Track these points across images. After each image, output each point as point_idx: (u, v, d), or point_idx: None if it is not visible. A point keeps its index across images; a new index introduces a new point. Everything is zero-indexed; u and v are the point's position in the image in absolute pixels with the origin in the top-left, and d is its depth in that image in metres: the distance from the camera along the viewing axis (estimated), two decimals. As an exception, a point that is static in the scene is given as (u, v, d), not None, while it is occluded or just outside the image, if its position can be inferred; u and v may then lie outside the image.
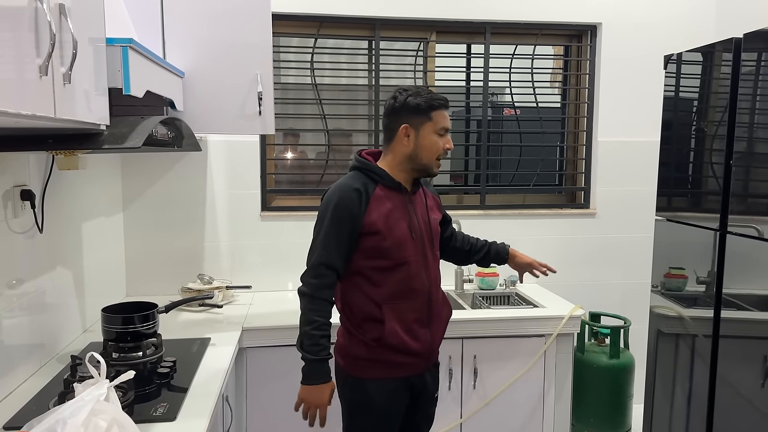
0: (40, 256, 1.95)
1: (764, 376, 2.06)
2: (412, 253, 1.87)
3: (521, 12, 3.11)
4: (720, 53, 2.27)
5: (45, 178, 1.97)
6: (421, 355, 1.91)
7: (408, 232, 1.86)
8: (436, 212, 2.02)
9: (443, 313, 2.00)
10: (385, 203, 1.84)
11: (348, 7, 2.97)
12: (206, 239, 2.96)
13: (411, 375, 1.92)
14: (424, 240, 1.90)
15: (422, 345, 1.90)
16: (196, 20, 2.21)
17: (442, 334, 2.01)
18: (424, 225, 1.92)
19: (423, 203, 1.96)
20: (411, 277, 1.86)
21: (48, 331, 2.02)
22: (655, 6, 3.18)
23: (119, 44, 1.45)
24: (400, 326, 1.85)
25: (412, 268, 1.86)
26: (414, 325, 1.88)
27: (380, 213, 1.82)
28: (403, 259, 1.85)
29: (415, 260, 1.87)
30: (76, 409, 1.19)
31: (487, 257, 2.23)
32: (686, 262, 2.45)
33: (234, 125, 2.27)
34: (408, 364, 1.90)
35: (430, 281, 1.92)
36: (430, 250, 1.94)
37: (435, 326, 1.95)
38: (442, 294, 2.00)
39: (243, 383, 2.47)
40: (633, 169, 3.25)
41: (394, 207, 1.85)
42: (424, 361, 1.94)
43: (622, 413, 2.90)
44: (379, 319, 1.85)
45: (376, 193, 1.84)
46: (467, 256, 2.24)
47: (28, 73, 1.04)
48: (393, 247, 1.83)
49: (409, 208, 1.89)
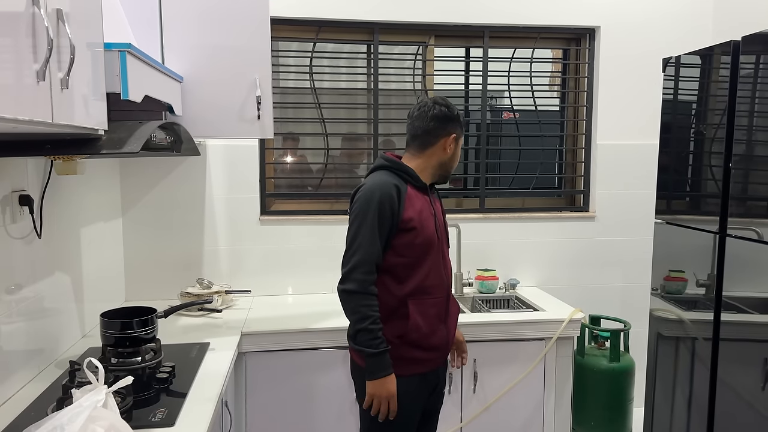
0: (38, 262, 1.95)
1: (765, 379, 2.05)
2: (436, 250, 1.96)
3: (520, 16, 3.11)
4: (718, 56, 2.28)
5: (43, 183, 1.96)
6: (440, 349, 2.00)
7: (434, 230, 1.96)
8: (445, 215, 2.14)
9: (456, 309, 2.09)
10: (417, 202, 1.93)
11: (347, 11, 2.97)
12: (205, 244, 2.96)
13: (429, 371, 1.99)
14: (442, 239, 2.02)
15: (440, 340, 1.99)
16: (195, 25, 2.21)
17: (455, 329, 2.10)
18: (441, 225, 2.03)
19: (438, 206, 2.08)
20: (434, 273, 1.95)
21: (47, 336, 2.02)
22: (653, 9, 3.18)
23: (117, 49, 1.45)
24: (423, 321, 1.92)
25: (435, 264, 1.96)
26: (434, 320, 1.96)
27: (415, 210, 1.91)
28: (429, 255, 1.94)
29: (436, 257, 1.97)
30: (74, 416, 1.18)
31: None
32: (686, 265, 2.45)
33: (233, 129, 2.27)
34: (427, 360, 1.97)
35: (447, 278, 2.02)
36: (445, 248, 2.06)
37: (451, 322, 2.04)
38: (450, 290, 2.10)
39: (242, 388, 2.46)
40: (632, 172, 3.25)
41: (423, 206, 1.95)
42: (441, 356, 2.02)
43: (622, 417, 2.89)
44: (402, 314, 1.90)
45: (408, 192, 1.93)
46: None
47: (26, 79, 1.04)
48: (424, 244, 1.92)
49: (433, 208, 2.00)
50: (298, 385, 2.50)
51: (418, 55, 3.18)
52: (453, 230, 3.01)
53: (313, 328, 2.49)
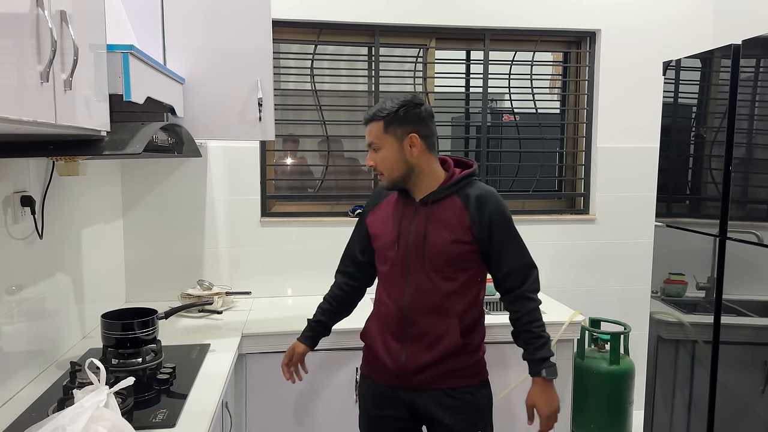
0: (39, 263, 1.95)
1: (765, 382, 2.05)
2: (393, 262, 1.85)
3: (520, 19, 3.12)
4: (719, 59, 2.28)
5: (45, 184, 1.97)
6: (391, 367, 1.86)
7: (393, 241, 1.84)
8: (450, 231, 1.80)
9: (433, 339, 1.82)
10: (389, 208, 1.90)
11: (348, 13, 2.98)
12: (206, 245, 2.96)
13: (382, 383, 1.91)
14: (410, 253, 1.81)
15: (390, 358, 1.86)
16: (197, 26, 2.21)
17: (432, 360, 1.82)
18: (418, 239, 1.81)
19: (435, 217, 1.81)
20: (388, 287, 1.89)
21: (47, 337, 2.02)
22: (654, 12, 3.19)
23: (120, 51, 1.45)
24: (376, 329, 1.93)
25: (392, 278, 1.87)
26: (385, 334, 1.89)
27: (377, 217, 1.93)
28: (385, 265, 1.89)
29: (395, 271, 1.85)
30: (76, 416, 1.18)
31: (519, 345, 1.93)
32: (686, 268, 2.45)
33: (234, 131, 2.28)
34: (381, 370, 1.91)
35: (410, 298, 1.82)
36: (421, 268, 1.81)
37: (416, 348, 1.83)
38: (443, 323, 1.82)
39: (243, 389, 2.46)
40: (632, 175, 3.25)
41: (392, 214, 1.88)
42: (398, 376, 1.86)
43: (622, 420, 2.89)
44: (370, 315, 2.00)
45: (389, 198, 1.92)
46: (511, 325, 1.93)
47: (30, 80, 1.04)
48: (379, 252, 1.92)
49: (406, 218, 1.83)
50: (298, 386, 2.49)
51: (418, 58, 3.18)
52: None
53: (313, 329, 2.48)
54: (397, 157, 1.79)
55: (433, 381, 1.85)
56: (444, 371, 1.84)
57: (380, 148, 1.81)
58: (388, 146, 1.80)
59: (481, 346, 1.93)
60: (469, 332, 1.87)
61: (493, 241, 1.81)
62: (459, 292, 1.82)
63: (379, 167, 1.83)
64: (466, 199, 1.81)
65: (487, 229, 1.79)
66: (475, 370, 1.91)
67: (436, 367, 1.83)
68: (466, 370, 1.88)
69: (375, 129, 1.80)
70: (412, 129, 1.79)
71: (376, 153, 1.82)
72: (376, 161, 1.83)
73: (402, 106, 1.78)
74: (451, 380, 1.86)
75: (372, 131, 1.81)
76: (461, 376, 1.87)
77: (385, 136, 1.79)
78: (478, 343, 1.92)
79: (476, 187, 1.83)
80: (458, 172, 1.85)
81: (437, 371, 1.83)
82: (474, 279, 1.85)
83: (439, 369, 1.83)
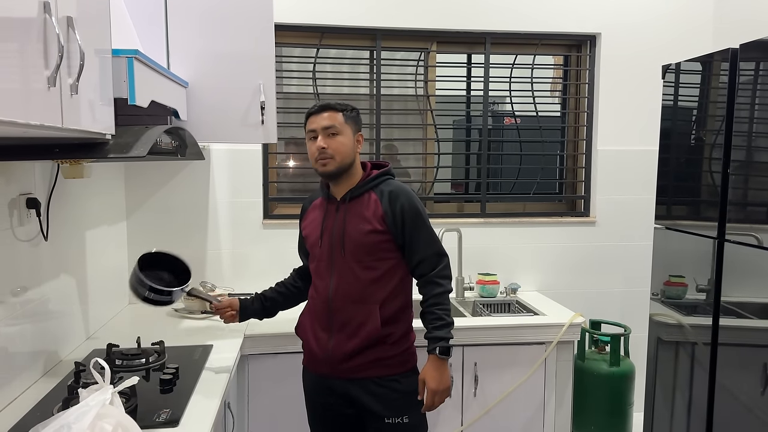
0: (44, 264, 1.97)
1: (764, 384, 2.06)
2: (318, 258, 2.01)
3: (521, 22, 3.14)
4: (718, 63, 2.30)
5: (50, 186, 1.99)
6: (320, 356, 2.01)
7: (318, 237, 2.01)
8: (366, 223, 1.94)
9: (356, 326, 1.94)
10: (315, 212, 2.08)
11: (350, 17, 3.00)
12: (208, 247, 2.98)
13: (324, 374, 2.02)
14: (333, 247, 1.98)
15: (318, 347, 2.01)
16: (200, 30, 2.24)
17: (356, 347, 1.94)
18: (338, 232, 1.97)
19: (353, 211, 1.97)
20: (317, 280, 2.04)
21: (51, 338, 2.04)
22: (654, 16, 3.21)
23: (125, 55, 1.47)
24: (307, 322, 2.07)
25: (319, 272, 2.02)
26: (314, 324, 2.03)
27: (307, 221, 2.10)
28: (312, 262, 2.05)
29: (320, 265, 2.01)
30: (80, 415, 1.20)
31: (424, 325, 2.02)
32: (686, 270, 2.46)
33: (237, 134, 2.30)
34: (313, 360, 2.04)
35: (334, 288, 1.97)
36: (344, 260, 1.96)
37: (342, 336, 1.97)
38: (365, 310, 1.94)
39: (245, 390, 2.48)
40: (632, 178, 3.27)
41: (318, 215, 2.05)
42: (328, 365, 2.00)
43: (622, 421, 2.90)
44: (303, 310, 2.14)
45: (314, 203, 2.11)
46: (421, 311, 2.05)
47: (37, 84, 1.06)
48: (309, 251, 2.07)
49: (329, 216, 2.01)
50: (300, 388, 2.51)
51: (420, 61, 3.20)
52: (454, 234, 3.03)
53: (315, 331, 2.50)
54: (350, 147, 1.97)
55: (361, 369, 1.97)
56: (370, 360, 1.96)
57: (338, 134, 1.94)
58: (347, 135, 1.96)
59: (408, 335, 2.05)
60: (393, 322, 1.99)
61: (406, 232, 1.96)
62: (379, 281, 1.96)
63: (332, 150, 1.93)
64: (380, 194, 1.98)
65: (400, 220, 1.95)
66: (402, 359, 2.02)
67: (361, 356, 1.96)
68: (393, 359, 1.99)
69: (335, 117, 1.94)
70: (359, 129, 2.02)
71: (331, 138, 1.93)
72: (331, 146, 1.93)
73: (354, 110, 2.01)
74: (378, 369, 1.97)
75: (333, 117, 1.94)
76: (387, 365, 1.99)
77: (346, 126, 1.96)
78: (404, 333, 2.03)
79: (390, 184, 2.00)
80: (374, 173, 2.02)
81: (363, 359, 1.96)
82: (394, 270, 1.99)
83: (364, 357, 1.96)
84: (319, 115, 1.94)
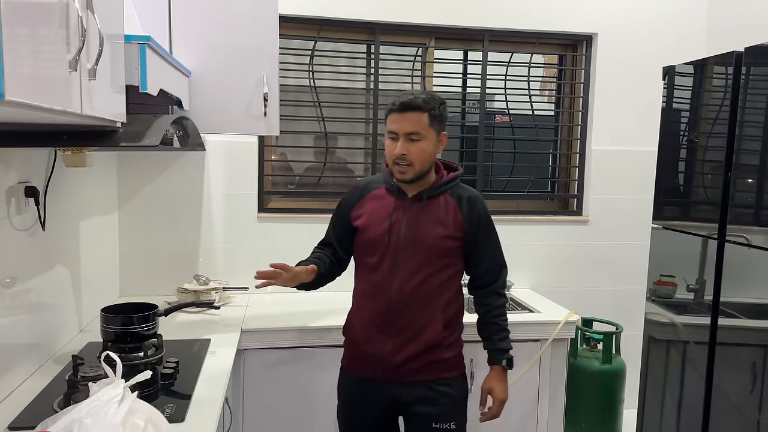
0: (40, 254, 1.92)
1: (753, 382, 2.10)
2: (382, 254, 1.89)
3: (520, 21, 3.14)
4: (719, 66, 2.33)
5: (47, 174, 1.94)
6: (374, 360, 1.91)
7: (384, 232, 1.88)
8: (443, 227, 1.88)
9: (418, 330, 1.88)
10: (378, 202, 1.93)
11: (348, 11, 2.97)
12: (202, 240, 2.94)
13: (373, 378, 1.93)
14: (404, 247, 1.86)
15: (375, 351, 1.90)
16: (204, 20, 2.19)
17: (415, 352, 1.88)
18: (412, 232, 1.86)
19: (429, 213, 1.88)
20: (376, 278, 1.91)
21: (46, 330, 1.99)
22: (650, 18, 3.24)
23: (137, 42, 1.44)
24: (359, 324, 1.96)
25: (380, 270, 1.89)
26: (370, 328, 1.92)
27: (365, 210, 1.94)
28: (373, 258, 1.90)
29: (383, 263, 1.89)
30: (92, 410, 1.17)
31: (483, 336, 2.04)
32: (683, 269, 2.49)
33: (239, 126, 2.27)
34: (363, 363, 1.95)
35: (397, 289, 1.87)
36: (411, 261, 1.86)
37: (400, 339, 1.89)
38: (427, 313, 1.89)
39: (240, 385, 2.45)
40: (625, 178, 3.30)
41: (381, 207, 1.91)
42: (381, 369, 1.91)
43: (613, 418, 2.93)
44: (351, 309, 2.02)
45: (375, 192, 1.95)
46: (479, 317, 2.05)
47: (59, 69, 1.03)
48: (367, 245, 1.92)
49: (398, 212, 1.88)
50: (296, 383, 2.49)
51: (417, 57, 3.19)
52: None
53: (313, 326, 2.49)
54: (431, 152, 1.84)
55: (416, 373, 1.91)
56: (426, 363, 1.90)
57: (421, 140, 1.80)
58: (429, 140, 1.82)
59: (460, 340, 2.01)
60: (450, 326, 1.94)
61: (478, 240, 1.92)
62: (443, 286, 1.91)
63: (412, 158, 1.80)
64: (458, 199, 1.91)
65: (475, 228, 1.91)
66: (454, 363, 1.97)
67: (419, 359, 1.90)
68: (447, 362, 1.94)
69: (420, 119, 1.79)
70: (444, 128, 1.87)
71: (411, 143, 1.80)
72: (412, 152, 1.80)
73: (442, 104, 1.84)
74: (431, 372, 1.92)
75: (416, 121, 1.79)
76: (441, 368, 1.94)
77: (430, 129, 1.81)
78: (458, 337, 1.99)
79: (464, 189, 1.95)
80: (446, 174, 1.94)
81: (420, 363, 1.90)
82: (456, 275, 1.95)
83: (422, 361, 1.90)
84: (403, 115, 1.79)
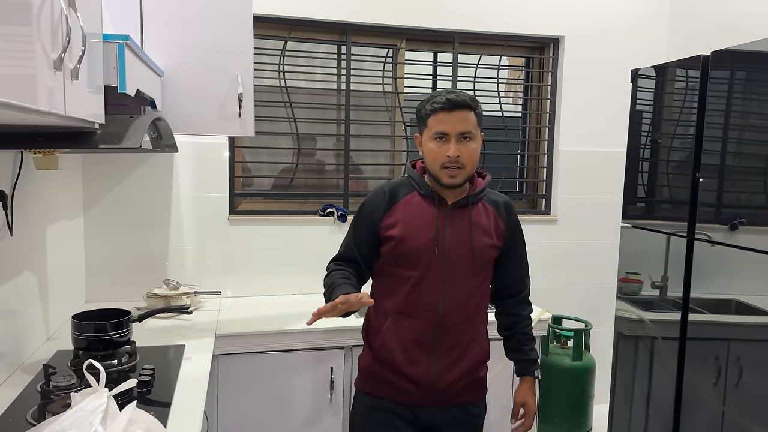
0: (7, 260, 1.85)
1: (717, 375, 2.18)
2: (429, 268, 1.70)
3: (489, 23, 3.18)
4: (681, 69, 2.41)
5: (13, 178, 1.86)
6: (417, 384, 1.73)
7: (431, 243, 1.69)
8: (488, 236, 1.76)
9: (464, 347, 1.76)
10: (414, 209, 1.73)
11: (319, 11, 2.96)
12: (171, 243, 2.87)
13: (410, 403, 1.75)
14: (451, 258, 1.70)
15: (419, 373, 1.73)
16: (177, 18, 2.14)
17: (461, 373, 1.76)
18: (459, 242, 1.71)
19: (469, 221, 1.73)
20: (422, 294, 1.71)
21: (12, 339, 1.91)
22: (616, 22, 3.32)
23: (115, 41, 1.40)
24: (396, 344, 1.73)
25: (425, 284, 1.71)
26: (412, 347, 1.72)
27: (400, 218, 1.72)
28: (415, 271, 1.70)
29: (430, 276, 1.70)
30: (76, 420, 1.13)
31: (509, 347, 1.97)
32: (649, 267, 2.56)
33: (213, 126, 2.22)
34: (402, 389, 1.75)
35: (446, 305, 1.71)
36: (459, 273, 1.71)
37: (446, 359, 1.74)
38: (472, 329, 1.78)
39: (214, 391, 2.40)
40: (593, 178, 3.38)
41: (419, 215, 1.71)
42: (426, 393, 1.74)
43: (583, 414, 3.00)
44: (382, 329, 1.76)
45: (406, 199, 1.74)
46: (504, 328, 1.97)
47: (44, 68, 0.99)
48: (407, 257, 1.71)
49: (441, 220, 1.71)
50: (271, 387, 2.46)
51: (388, 58, 3.20)
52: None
53: (287, 330, 2.46)
54: (479, 153, 1.71)
55: (458, 394, 1.78)
56: (468, 383, 1.79)
57: (472, 140, 1.66)
58: (478, 140, 1.69)
59: None
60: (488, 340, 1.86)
61: (512, 248, 1.83)
62: (484, 297, 1.81)
63: (465, 160, 1.65)
64: (495, 206, 1.79)
65: (512, 236, 1.82)
66: (485, 381, 1.89)
67: (464, 379, 1.77)
68: (482, 381, 1.87)
69: (469, 118, 1.65)
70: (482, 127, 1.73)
71: (464, 144, 1.64)
72: (464, 154, 1.64)
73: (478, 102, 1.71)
74: (470, 393, 1.82)
75: (467, 119, 1.64)
76: (477, 388, 1.85)
77: (477, 129, 1.69)
78: None
79: (495, 194, 1.84)
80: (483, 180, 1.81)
81: (463, 383, 1.78)
82: (488, 285, 1.84)
83: (465, 380, 1.78)
84: (452, 114, 1.63)
